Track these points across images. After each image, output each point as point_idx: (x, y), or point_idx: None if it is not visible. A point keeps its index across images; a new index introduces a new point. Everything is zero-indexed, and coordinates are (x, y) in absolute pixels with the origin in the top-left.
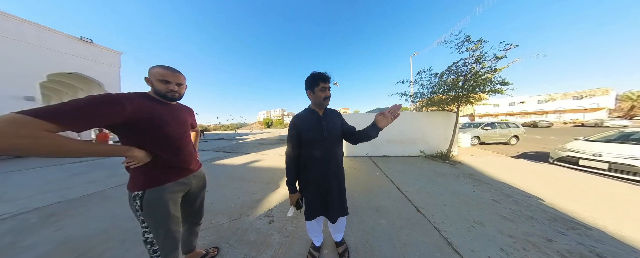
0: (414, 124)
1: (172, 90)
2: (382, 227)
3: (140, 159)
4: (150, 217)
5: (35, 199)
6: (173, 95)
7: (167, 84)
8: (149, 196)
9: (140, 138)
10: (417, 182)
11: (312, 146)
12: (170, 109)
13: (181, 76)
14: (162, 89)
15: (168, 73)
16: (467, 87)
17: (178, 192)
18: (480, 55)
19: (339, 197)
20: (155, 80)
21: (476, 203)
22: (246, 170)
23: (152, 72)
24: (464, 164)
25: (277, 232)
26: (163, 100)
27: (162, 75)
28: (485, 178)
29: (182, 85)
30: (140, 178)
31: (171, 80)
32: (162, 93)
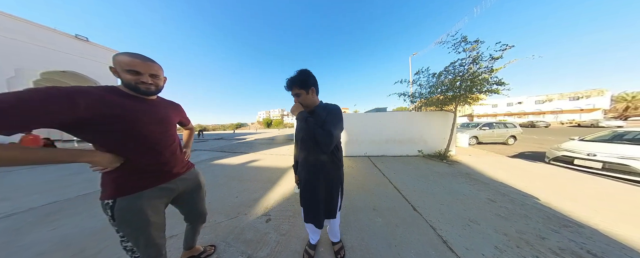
0: (413, 124)
1: (144, 82)
2: (378, 225)
3: (103, 164)
4: (126, 227)
5: (32, 199)
6: (147, 89)
7: (137, 75)
8: (121, 205)
9: (106, 140)
10: (414, 181)
11: (298, 140)
12: (146, 105)
13: (155, 66)
14: (132, 81)
15: (137, 62)
16: (464, 87)
17: (160, 198)
18: (477, 56)
19: (327, 197)
20: (122, 71)
21: (472, 202)
22: (244, 169)
23: (117, 61)
24: (462, 164)
25: (274, 230)
26: (137, 94)
27: (129, 64)
28: (482, 178)
29: (157, 76)
30: (110, 185)
31: (142, 71)
32: (132, 86)
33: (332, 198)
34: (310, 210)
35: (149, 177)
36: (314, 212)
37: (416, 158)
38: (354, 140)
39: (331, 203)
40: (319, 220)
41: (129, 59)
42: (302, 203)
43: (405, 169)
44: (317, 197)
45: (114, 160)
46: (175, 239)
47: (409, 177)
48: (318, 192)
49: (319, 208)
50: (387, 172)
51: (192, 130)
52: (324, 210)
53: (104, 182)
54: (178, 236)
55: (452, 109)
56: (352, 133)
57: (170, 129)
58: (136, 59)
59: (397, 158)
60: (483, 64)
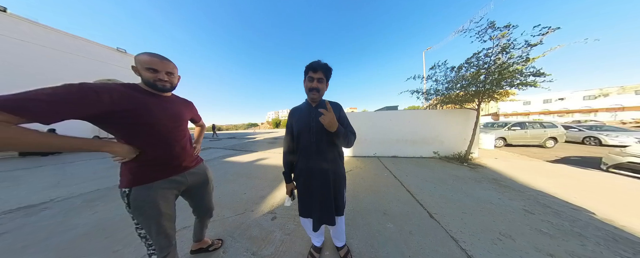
0: (427, 123)
1: (160, 79)
2: (390, 231)
3: (122, 155)
4: (139, 215)
5: (82, 186)
6: (163, 85)
7: (155, 73)
8: (136, 194)
9: (127, 132)
10: (430, 185)
11: (300, 138)
12: (162, 101)
13: (171, 64)
14: (150, 79)
15: (155, 60)
16: (490, 81)
17: (170, 189)
18: (507, 44)
19: (321, 201)
20: (142, 69)
21: (503, 212)
22: (253, 167)
23: (138, 60)
24: (486, 168)
25: (279, 229)
26: (153, 91)
27: (148, 62)
28: (513, 185)
29: (172, 74)
30: (126, 175)
31: (159, 68)
32: (150, 83)
33: (331, 197)
34: (323, 211)
35: (161, 169)
36: (327, 210)
37: (431, 160)
38: (362, 140)
39: (331, 202)
40: (331, 219)
41: (149, 57)
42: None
43: (419, 172)
44: (328, 196)
45: (131, 151)
46: (187, 231)
47: (423, 180)
48: (329, 191)
49: (331, 206)
50: (399, 174)
51: (203, 127)
52: (334, 207)
53: (122, 171)
54: (188, 228)
55: (474, 106)
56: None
57: (182, 124)
58: (154, 57)
59: (409, 160)
60: (515, 53)
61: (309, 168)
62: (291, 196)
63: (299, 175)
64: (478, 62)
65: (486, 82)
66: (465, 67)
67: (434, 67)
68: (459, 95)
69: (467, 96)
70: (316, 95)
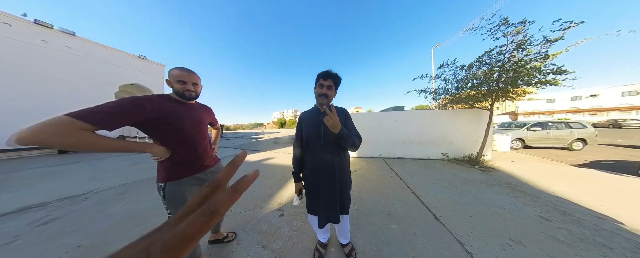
0: (435, 124)
1: (188, 89)
2: (394, 232)
3: (159, 155)
4: (172, 206)
5: (113, 180)
6: (190, 95)
7: (183, 84)
8: (169, 188)
9: (161, 135)
10: (437, 187)
11: (310, 141)
12: (188, 109)
13: (195, 76)
14: (180, 89)
15: (184, 74)
16: (504, 79)
17: (195, 185)
18: (523, 40)
19: (327, 200)
20: (174, 82)
21: (515, 217)
22: (261, 166)
23: (171, 74)
24: (500, 171)
25: (286, 225)
26: (182, 100)
27: (179, 76)
28: (529, 190)
29: (197, 84)
30: (162, 172)
31: (187, 80)
32: (180, 93)
33: (337, 197)
34: (329, 209)
35: (187, 167)
36: (333, 209)
37: (439, 162)
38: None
39: (336, 203)
40: (336, 217)
41: (179, 72)
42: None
43: (426, 173)
44: (334, 195)
45: (166, 152)
46: None
47: (430, 183)
48: (336, 190)
49: (337, 205)
50: (404, 176)
51: (219, 130)
52: (339, 206)
53: (159, 169)
54: None
55: (487, 106)
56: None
57: (203, 128)
58: (183, 71)
59: (416, 161)
60: (532, 50)
61: (317, 169)
62: (299, 195)
63: (308, 175)
64: (490, 60)
65: (500, 81)
66: (477, 66)
67: (442, 66)
68: (469, 95)
69: (478, 95)
70: (325, 100)
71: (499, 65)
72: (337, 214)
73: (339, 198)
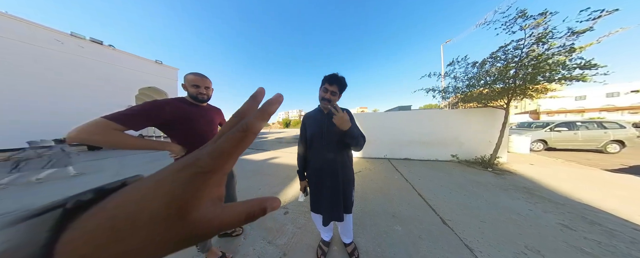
0: (445, 124)
1: (201, 93)
2: (398, 234)
3: (176, 152)
4: None
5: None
6: (203, 97)
7: (197, 88)
8: None
9: (177, 135)
10: (445, 190)
11: (313, 141)
12: (201, 110)
13: (208, 80)
14: (194, 93)
15: (197, 78)
16: (522, 76)
17: None
18: (544, 33)
19: (331, 199)
20: (189, 86)
21: (532, 224)
22: (266, 165)
23: (186, 79)
24: (517, 174)
25: (291, 222)
26: (195, 102)
27: (193, 81)
28: (551, 195)
29: (209, 88)
30: None
31: (200, 84)
32: (194, 96)
33: (340, 197)
34: (333, 208)
35: None
36: (336, 207)
37: (449, 163)
38: (372, 141)
39: (339, 202)
40: (339, 215)
41: (193, 76)
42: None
43: (434, 175)
44: (338, 194)
45: (182, 150)
46: None
47: (437, 185)
48: (339, 189)
49: (340, 203)
50: (410, 177)
51: None
52: (343, 205)
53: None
54: None
55: (502, 104)
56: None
57: (214, 128)
58: (197, 76)
59: (423, 163)
60: (555, 43)
61: (321, 169)
62: (304, 192)
63: (312, 174)
64: (506, 56)
65: (517, 77)
66: (490, 62)
67: (452, 63)
68: (482, 93)
69: (492, 94)
70: (327, 104)
71: (516, 61)
72: (341, 213)
73: (342, 197)
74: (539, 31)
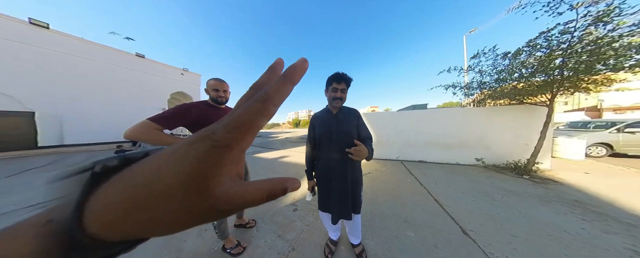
0: (468, 124)
1: (220, 96)
2: (410, 240)
3: None
4: None
5: None
6: (222, 100)
7: (216, 92)
8: None
9: None
10: (466, 197)
11: (322, 142)
12: (220, 111)
13: (225, 84)
14: (215, 96)
15: (217, 83)
16: (573, 65)
17: None
18: (607, 10)
19: (339, 198)
20: (210, 90)
21: (586, 246)
22: (276, 163)
23: (208, 84)
24: (564, 184)
25: (299, 219)
26: (216, 104)
27: (213, 85)
28: (616, 212)
29: (227, 91)
30: None
31: (219, 88)
32: (215, 99)
33: (348, 196)
34: (341, 207)
35: None
36: (344, 206)
37: (472, 168)
38: (383, 141)
39: (347, 201)
40: (348, 214)
41: (214, 81)
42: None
43: (454, 180)
44: (346, 194)
45: None
46: None
47: (458, 191)
48: (347, 189)
49: (348, 203)
50: (425, 181)
51: None
52: (351, 205)
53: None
54: None
55: (544, 100)
56: (381, 134)
57: None
58: (217, 81)
59: (441, 166)
60: (626, 21)
61: (329, 169)
62: (312, 192)
63: (320, 174)
64: (549, 43)
65: (565, 68)
66: (527, 51)
67: (477, 55)
68: (515, 88)
69: (530, 88)
70: (339, 103)
71: (563, 47)
72: (349, 212)
73: (350, 196)
74: (598, 9)
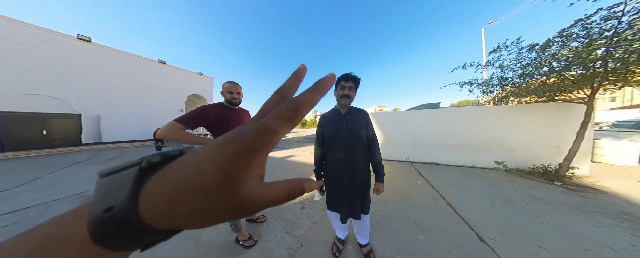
0: (486, 123)
1: (234, 98)
2: (421, 243)
3: None
4: None
5: None
6: (235, 101)
7: (231, 94)
8: None
9: (216, 133)
10: (484, 202)
11: (331, 142)
12: (234, 113)
13: (239, 86)
14: (229, 98)
15: (231, 86)
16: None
17: None
18: None
19: (348, 198)
20: (225, 92)
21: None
22: (284, 162)
23: (223, 87)
24: (609, 193)
25: (307, 217)
26: (230, 106)
27: (227, 88)
28: None
29: (240, 93)
30: None
31: (233, 91)
32: (229, 101)
33: (357, 195)
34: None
35: None
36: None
37: (491, 171)
38: (391, 142)
39: (356, 200)
40: (357, 213)
41: (229, 84)
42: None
43: (469, 184)
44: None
45: None
46: None
47: (474, 195)
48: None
49: (358, 202)
50: (437, 184)
51: None
52: (360, 205)
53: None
54: None
55: (582, 97)
56: (390, 135)
57: None
58: (231, 84)
59: (455, 169)
60: None
61: (338, 168)
62: (320, 191)
63: (329, 173)
64: (588, 32)
65: (611, 58)
66: (559, 42)
67: (498, 49)
68: (545, 83)
69: (564, 83)
70: (347, 101)
71: (608, 36)
72: (358, 211)
73: (359, 196)
74: None
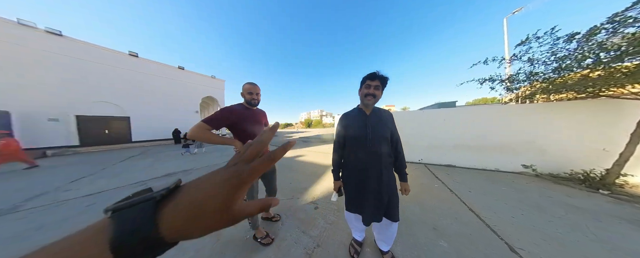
0: (513, 123)
1: (253, 98)
2: (443, 250)
3: (238, 148)
4: None
5: (201, 163)
6: (254, 102)
7: (250, 95)
8: None
9: (237, 132)
10: (511, 209)
11: (354, 143)
12: (252, 113)
13: (258, 87)
14: (249, 99)
15: (250, 87)
16: None
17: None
18: None
19: (376, 201)
20: (245, 93)
21: None
22: (294, 162)
23: (243, 88)
24: None
25: (321, 217)
26: (249, 106)
27: (247, 89)
28: None
29: (258, 94)
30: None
31: (253, 91)
32: (249, 101)
33: (384, 198)
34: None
35: None
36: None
37: (519, 176)
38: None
39: (382, 203)
40: (380, 216)
41: (248, 85)
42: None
43: (492, 189)
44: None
45: (242, 146)
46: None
47: (499, 201)
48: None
49: (383, 205)
50: (456, 188)
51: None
52: (386, 207)
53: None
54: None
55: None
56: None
57: (261, 127)
58: (251, 85)
59: (475, 172)
60: None
61: (362, 170)
62: (338, 192)
63: (351, 174)
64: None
65: None
66: (609, 29)
67: (526, 41)
68: (587, 77)
69: (614, 76)
70: (371, 100)
71: None
72: (381, 214)
73: (386, 198)
74: None
